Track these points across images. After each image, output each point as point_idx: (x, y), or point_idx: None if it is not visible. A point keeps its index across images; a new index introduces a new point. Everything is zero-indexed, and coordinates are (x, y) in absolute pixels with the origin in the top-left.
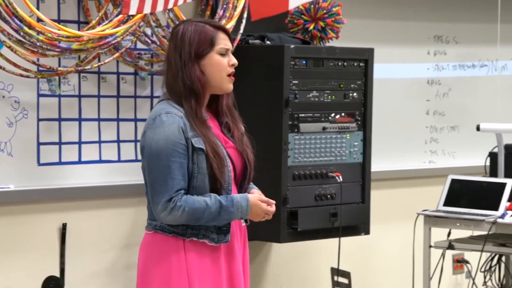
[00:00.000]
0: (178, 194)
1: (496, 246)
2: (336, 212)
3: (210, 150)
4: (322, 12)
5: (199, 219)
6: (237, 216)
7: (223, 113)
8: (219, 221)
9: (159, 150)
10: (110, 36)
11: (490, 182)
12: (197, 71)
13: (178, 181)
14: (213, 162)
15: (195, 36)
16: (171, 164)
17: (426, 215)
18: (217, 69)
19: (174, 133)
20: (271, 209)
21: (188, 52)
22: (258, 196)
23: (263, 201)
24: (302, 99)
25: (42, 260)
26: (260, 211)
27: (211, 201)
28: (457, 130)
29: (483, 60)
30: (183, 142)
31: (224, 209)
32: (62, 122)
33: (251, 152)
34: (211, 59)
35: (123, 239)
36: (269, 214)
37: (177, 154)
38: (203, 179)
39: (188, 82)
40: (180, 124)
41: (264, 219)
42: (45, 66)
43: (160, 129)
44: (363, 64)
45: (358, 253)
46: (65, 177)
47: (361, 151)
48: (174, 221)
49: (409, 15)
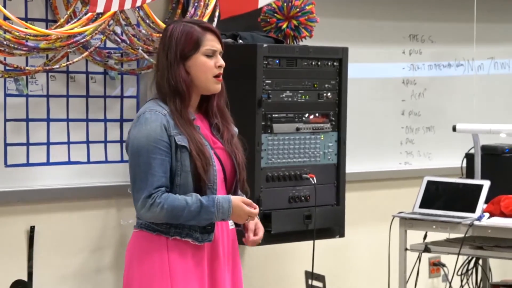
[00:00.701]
0: (158, 191)
1: (473, 249)
2: (310, 214)
3: (194, 148)
4: (295, 10)
5: (179, 217)
6: (218, 217)
7: (213, 113)
8: (199, 221)
9: (140, 147)
10: (79, 35)
11: (467, 184)
12: (182, 72)
13: (159, 178)
14: (197, 161)
15: (181, 36)
16: (152, 161)
17: (402, 217)
18: (202, 70)
19: (156, 130)
20: (254, 211)
21: (174, 53)
22: (241, 198)
23: (246, 203)
24: (275, 99)
25: (9, 264)
26: (243, 213)
27: (191, 200)
28: (433, 130)
29: (459, 59)
30: (165, 140)
31: (205, 209)
32: (30, 123)
33: (241, 153)
34: (196, 60)
35: (92, 242)
36: (252, 216)
37: (158, 151)
38: (187, 177)
39: (173, 82)
40: (163, 121)
41: (248, 222)
42: (12, 66)
43: (143, 127)
44: (337, 63)
45: (333, 256)
46: (33, 178)
47: (335, 152)
48: (153, 218)
49: (384, 13)
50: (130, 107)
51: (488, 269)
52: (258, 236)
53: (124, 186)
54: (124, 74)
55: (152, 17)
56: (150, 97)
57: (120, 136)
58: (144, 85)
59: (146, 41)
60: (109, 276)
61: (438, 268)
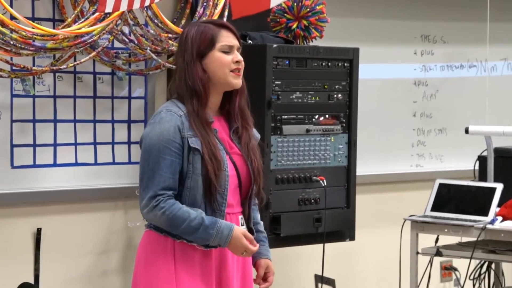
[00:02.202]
0: (164, 194)
1: (485, 253)
2: (320, 217)
3: (207, 152)
4: (305, 10)
5: (177, 227)
6: (214, 241)
7: (234, 115)
8: (195, 238)
9: (151, 145)
10: (86, 35)
11: (479, 187)
12: (199, 70)
13: (166, 178)
14: (208, 165)
15: (197, 36)
16: (161, 161)
17: (413, 220)
18: (219, 66)
19: (169, 131)
20: (252, 248)
21: (190, 53)
22: (243, 231)
23: (247, 237)
24: (285, 100)
25: (16, 266)
26: (240, 245)
27: (194, 215)
28: (445, 132)
29: (471, 60)
30: (177, 141)
31: (204, 228)
32: (37, 124)
33: (258, 159)
34: (213, 57)
35: (99, 244)
36: (248, 252)
37: (168, 152)
38: (197, 180)
39: (190, 82)
40: (178, 122)
41: (243, 256)
42: (19, 66)
43: (157, 126)
44: (347, 64)
45: (343, 259)
46: (39, 180)
47: (346, 154)
48: (153, 220)
49: (395, 13)
50: (138, 108)
51: (501, 273)
52: (268, 282)
53: (132, 188)
54: (132, 74)
55: (161, 17)
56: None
57: (127, 137)
58: (152, 85)
59: (154, 41)
60: (116, 279)
61: (450, 272)
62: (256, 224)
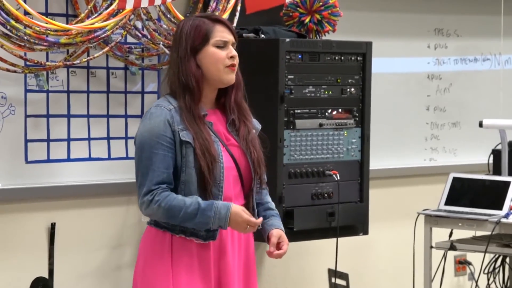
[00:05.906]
0: (158, 188)
1: (500, 247)
2: (333, 211)
3: (199, 145)
4: (318, 4)
5: (175, 217)
6: (214, 222)
7: (230, 108)
8: (195, 224)
9: (143, 142)
10: (100, 30)
11: (493, 181)
12: (193, 66)
13: (159, 173)
14: (201, 160)
15: (191, 31)
16: (153, 156)
17: (427, 214)
18: (213, 61)
19: (159, 125)
20: (255, 220)
21: (184, 48)
22: (241, 207)
23: (247, 212)
24: (298, 95)
25: (30, 261)
26: (241, 220)
27: (190, 201)
28: (458, 126)
29: (485, 53)
30: (168, 135)
31: (201, 212)
32: (50, 119)
33: (258, 150)
34: (207, 52)
35: (113, 238)
36: (252, 225)
37: (160, 146)
38: (191, 173)
39: (183, 78)
40: (167, 116)
41: (248, 231)
42: (33, 61)
43: (147, 121)
44: (361, 58)
45: (357, 254)
46: (53, 175)
47: (359, 149)
48: (152, 215)
49: (408, 7)
50: (151, 102)
51: None
52: (282, 250)
53: None
54: (145, 69)
55: (173, 12)
56: (164, 93)
57: None
58: None
59: (167, 36)
60: (129, 274)
61: (464, 266)
62: (267, 203)
